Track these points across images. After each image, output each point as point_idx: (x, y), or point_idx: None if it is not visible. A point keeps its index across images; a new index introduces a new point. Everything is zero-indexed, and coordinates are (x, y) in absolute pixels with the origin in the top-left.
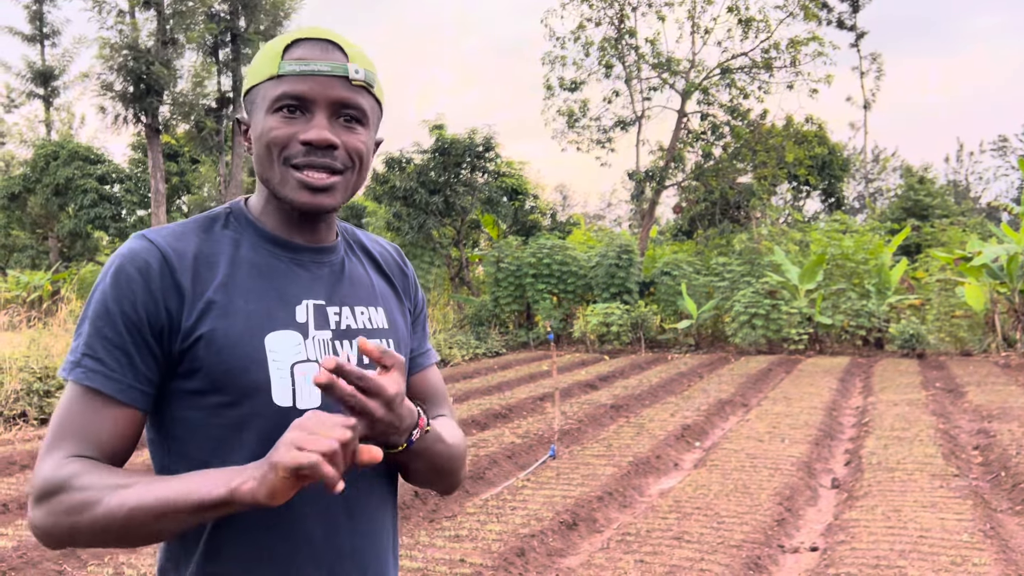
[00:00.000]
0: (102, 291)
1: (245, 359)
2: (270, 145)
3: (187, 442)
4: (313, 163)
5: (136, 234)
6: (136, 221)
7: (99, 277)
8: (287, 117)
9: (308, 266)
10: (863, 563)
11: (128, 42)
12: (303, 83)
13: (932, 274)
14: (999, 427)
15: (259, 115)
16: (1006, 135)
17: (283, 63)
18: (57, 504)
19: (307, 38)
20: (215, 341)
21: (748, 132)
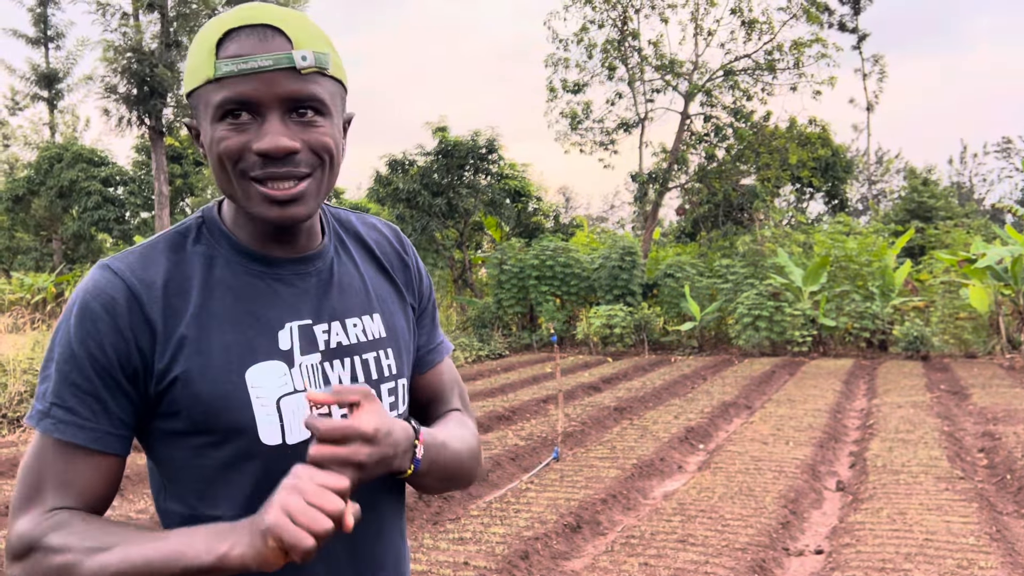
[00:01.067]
0: (65, 332)
1: (225, 399)
2: (222, 158)
3: (178, 482)
4: (274, 174)
5: (100, 264)
6: (140, 223)
7: (63, 315)
8: (234, 124)
9: (290, 280)
10: (868, 566)
11: (132, 44)
12: (244, 84)
13: (936, 276)
14: (1004, 429)
15: (205, 123)
16: (1010, 137)
17: (218, 63)
18: (36, 564)
19: (240, 26)
20: (192, 382)
21: (751, 134)
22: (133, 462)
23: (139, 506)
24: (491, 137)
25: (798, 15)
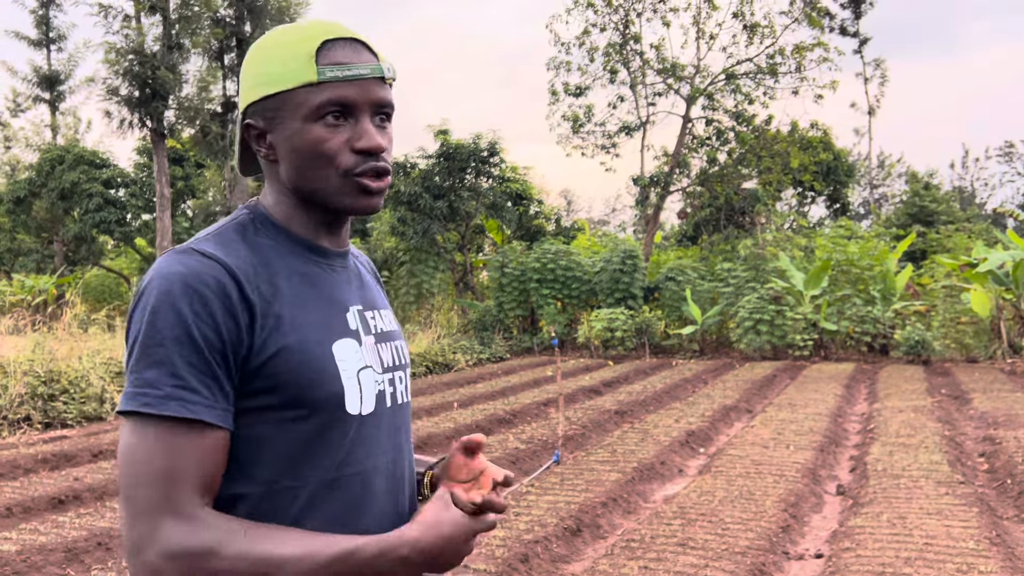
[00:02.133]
0: (175, 315)
1: (320, 371)
2: (320, 156)
3: (257, 462)
4: (373, 169)
5: (183, 250)
6: (141, 225)
7: (157, 297)
8: (333, 125)
9: (339, 270)
10: (868, 570)
11: (134, 47)
12: (346, 89)
13: (937, 280)
14: (1005, 434)
15: (293, 123)
16: (1012, 141)
17: (321, 68)
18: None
19: (335, 38)
20: (291, 356)
21: (753, 138)
22: None
23: None
24: (493, 140)
25: (800, 19)
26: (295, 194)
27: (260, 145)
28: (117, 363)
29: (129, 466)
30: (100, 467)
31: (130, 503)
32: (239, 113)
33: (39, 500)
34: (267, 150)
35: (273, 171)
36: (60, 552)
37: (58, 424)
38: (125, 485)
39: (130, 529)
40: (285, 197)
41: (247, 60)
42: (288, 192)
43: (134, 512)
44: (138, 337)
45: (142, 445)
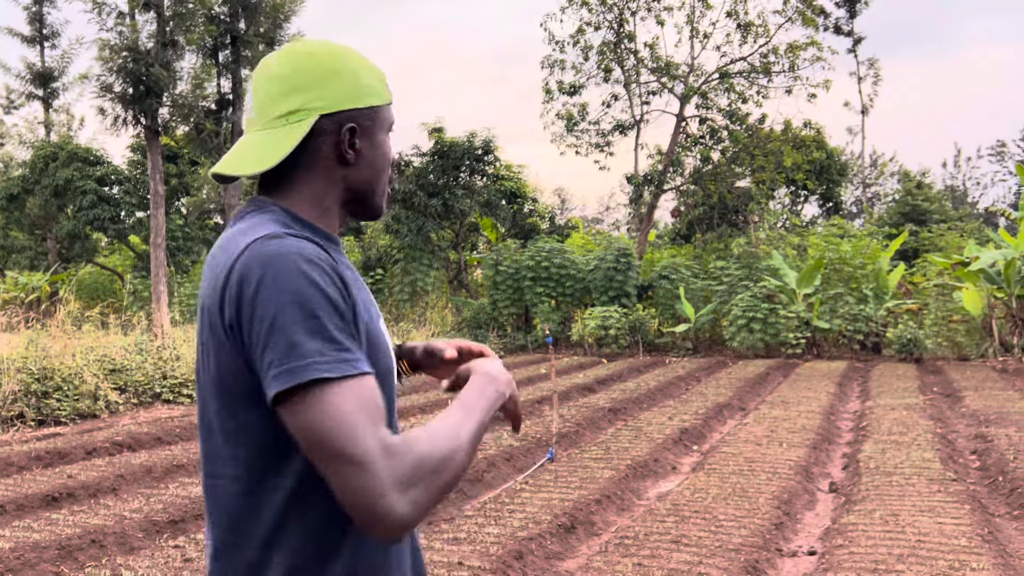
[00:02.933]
0: (314, 285)
1: (383, 346)
2: (389, 165)
3: None
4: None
5: (274, 234)
6: (135, 222)
7: (288, 274)
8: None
9: (346, 257)
10: (861, 567)
11: (128, 44)
12: None
13: (930, 279)
14: (996, 432)
15: (379, 135)
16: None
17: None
18: (429, 475)
19: None
20: (370, 330)
21: (746, 136)
22: (127, 462)
23: (133, 505)
24: (487, 138)
25: (793, 18)
26: (349, 194)
27: (348, 147)
28: (111, 360)
29: (329, 433)
30: (94, 464)
31: (346, 463)
32: (315, 114)
33: (32, 498)
34: (352, 153)
35: (332, 172)
36: (54, 550)
37: (51, 421)
38: (334, 450)
39: (358, 484)
40: (330, 195)
41: (341, 69)
42: (340, 191)
43: (357, 468)
44: (281, 316)
45: (334, 408)
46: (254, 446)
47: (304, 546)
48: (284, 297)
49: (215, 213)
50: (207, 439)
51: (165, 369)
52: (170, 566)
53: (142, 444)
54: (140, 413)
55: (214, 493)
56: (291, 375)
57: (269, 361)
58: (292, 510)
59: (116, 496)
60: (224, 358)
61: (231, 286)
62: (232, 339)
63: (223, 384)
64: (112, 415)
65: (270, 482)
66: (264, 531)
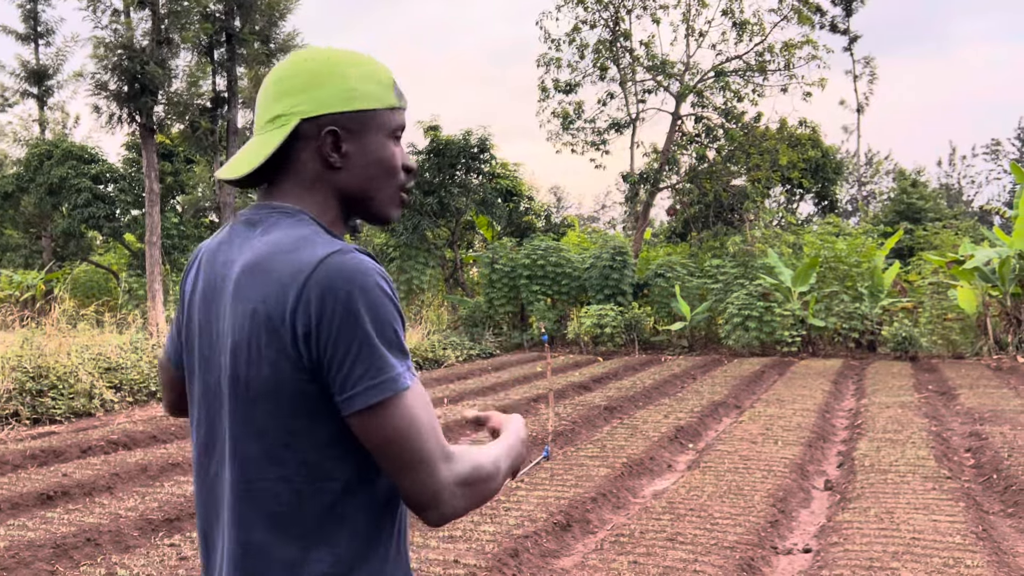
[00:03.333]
0: (392, 303)
1: None
2: (392, 170)
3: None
4: (411, 186)
5: (349, 249)
6: (130, 221)
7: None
8: (396, 145)
9: None
10: (856, 565)
11: (123, 41)
12: (404, 117)
13: (925, 277)
14: (991, 430)
15: (376, 137)
16: (998, 139)
17: (398, 97)
18: (479, 481)
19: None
20: None
21: (742, 135)
22: (123, 461)
23: (128, 503)
24: (483, 136)
25: (789, 16)
26: (345, 201)
27: (332, 151)
28: (106, 359)
29: (409, 439)
30: (89, 463)
31: (420, 463)
32: (296, 119)
33: (27, 496)
34: (338, 157)
35: (324, 179)
36: (49, 548)
37: (46, 420)
38: (412, 454)
39: (428, 480)
40: (332, 202)
41: (325, 74)
42: (337, 199)
43: (428, 467)
44: (368, 331)
45: (410, 418)
46: (308, 450)
47: (343, 547)
48: (374, 314)
49: (210, 211)
50: (247, 441)
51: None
52: (165, 564)
53: (137, 443)
54: (135, 411)
55: (250, 495)
56: (384, 387)
57: (360, 374)
58: (336, 512)
59: (111, 494)
60: (286, 366)
61: (309, 300)
62: (303, 350)
63: (280, 390)
64: (107, 414)
65: (320, 484)
66: (307, 531)
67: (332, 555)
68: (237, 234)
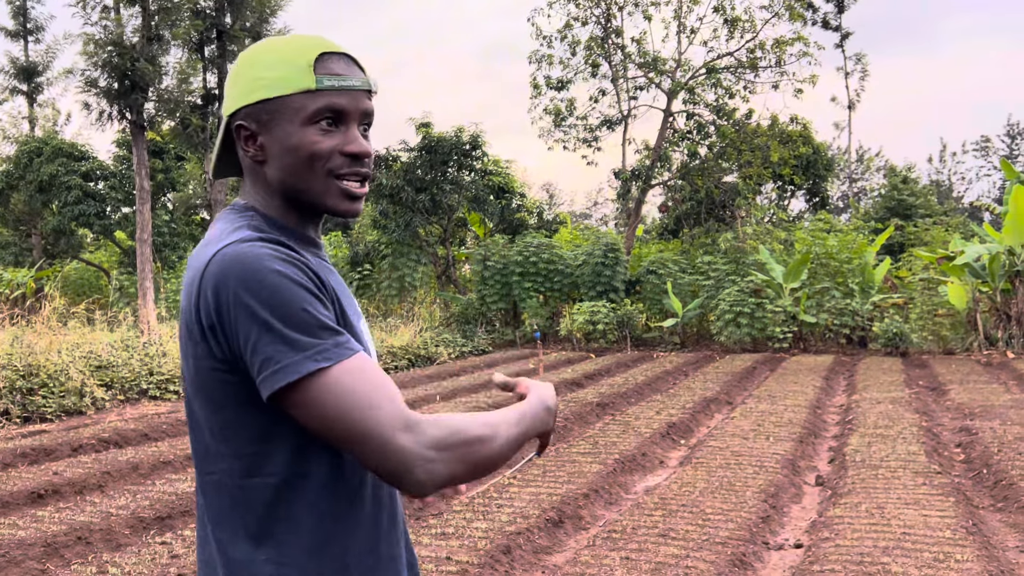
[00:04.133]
0: (293, 281)
1: (363, 345)
2: (313, 157)
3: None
4: (356, 172)
5: (245, 238)
6: (121, 218)
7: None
8: (325, 130)
9: (328, 262)
10: (847, 560)
11: (113, 38)
12: (340, 97)
13: (915, 273)
14: (981, 425)
15: (288, 126)
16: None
17: (319, 77)
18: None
19: (331, 52)
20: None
21: (733, 132)
22: (114, 459)
23: (119, 502)
24: (475, 133)
25: (780, 13)
26: (282, 195)
27: (249, 146)
28: (97, 357)
29: (347, 415)
30: (80, 461)
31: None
32: (224, 116)
33: (18, 494)
34: (256, 151)
35: (258, 173)
36: (39, 547)
37: (37, 418)
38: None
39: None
40: (273, 198)
41: (239, 66)
42: (275, 193)
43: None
44: (269, 316)
45: (346, 392)
46: (241, 442)
47: (293, 539)
48: (269, 297)
49: (201, 208)
50: (196, 437)
51: (152, 365)
52: (156, 563)
53: (129, 441)
54: (127, 409)
55: (205, 489)
56: (288, 371)
57: (263, 360)
58: (280, 504)
59: (102, 493)
60: (204, 362)
61: (206, 294)
62: (212, 344)
63: (205, 386)
64: (98, 412)
65: (258, 477)
66: (254, 525)
67: (278, 554)
68: None
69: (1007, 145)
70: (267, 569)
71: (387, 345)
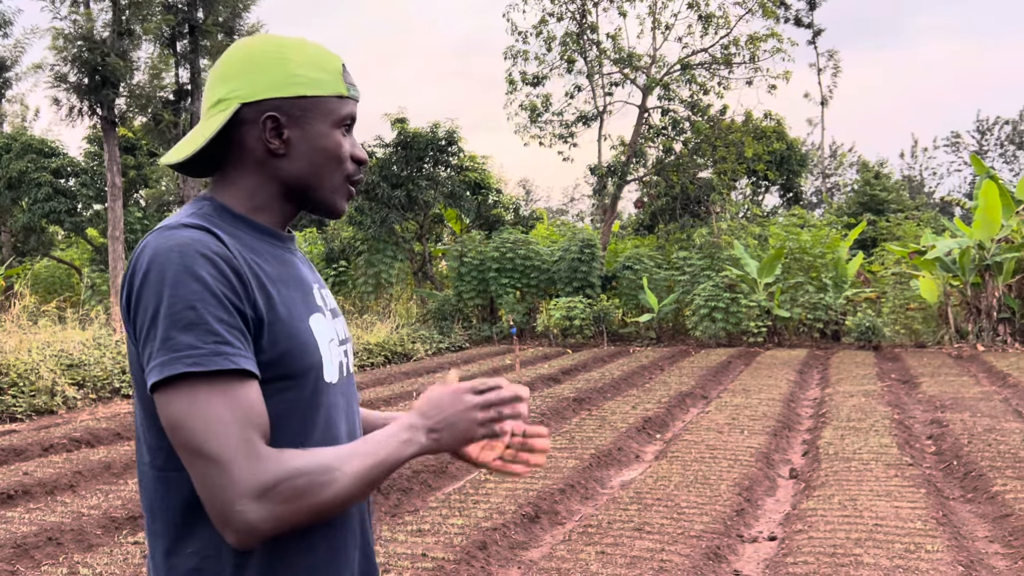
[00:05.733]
0: (195, 277)
1: (304, 342)
2: (340, 159)
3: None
4: (359, 178)
5: (172, 225)
6: (92, 215)
7: (170, 266)
8: (345, 136)
9: (296, 254)
10: (820, 552)
11: (82, 33)
12: (355, 107)
13: (887, 268)
14: (952, 417)
15: (320, 126)
16: (959, 131)
17: (348, 86)
18: (294, 492)
19: (343, 63)
20: (282, 327)
21: (708, 128)
22: (86, 458)
23: (91, 502)
24: (451, 129)
25: (754, 10)
26: (285, 189)
27: (273, 137)
28: (68, 355)
29: (191, 427)
30: (51, 461)
31: (205, 460)
32: (237, 103)
33: None
34: (279, 144)
35: (266, 165)
36: (9, 548)
37: (7, 418)
38: (194, 445)
39: (215, 482)
40: (266, 189)
41: (258, 58)
42: (275, 184)
43: (215, 466)
44: (159, 308)
45: (199, 403)
46: (157, 433)
47: (206, 541)
48: (164, 289)
49: (174, 205)
50: (137, 428)
51: (124, 364)
52: (129, 563)
53: (101, 440)
54: (99, 408)
55: (140, 483)
56: (163, 368)
57: (149, 352)
58: (195, 503)
59: (74, 493)
60: (131, 348)
61: (130, 278)
62: (131, 327)
63: (133, 372)
64: (70, 411)
65: (175, 473)
66: (176, 518)
67: (201, 547)
68: None
69: (977, 141)
70: (188, 563)
71: (363, 342)
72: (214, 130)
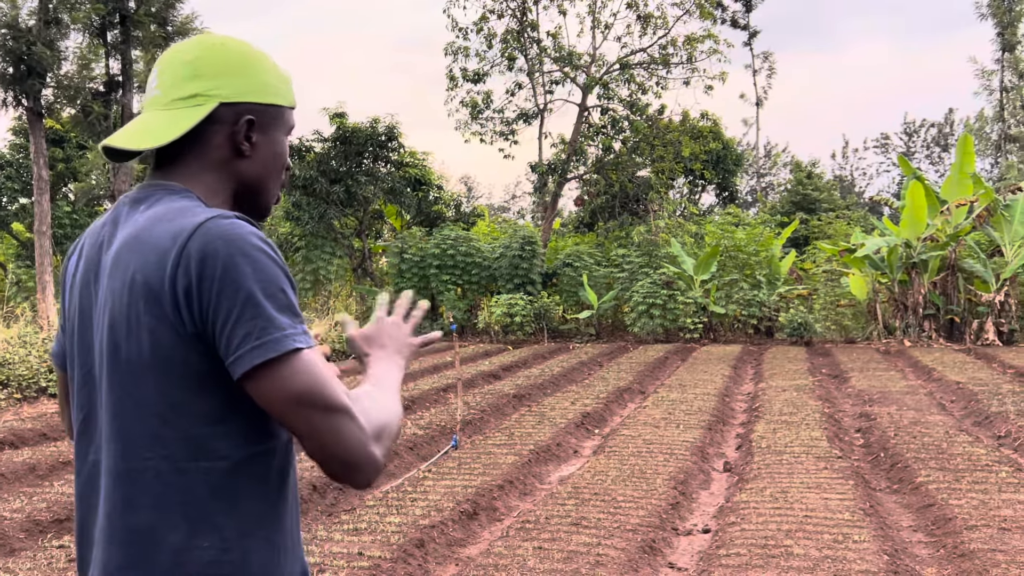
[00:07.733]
0: (277, 264)
1: None
2: (285, 166)
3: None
4: (285, 183)
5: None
6: (18, 209)
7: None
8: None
9: None
10: (752, 543)
11: (7, 20)
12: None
13: (819, 265)
14: (879, 410)
15: (277, 134)
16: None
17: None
18: (388, 434)
19: None
20: None
21: (646, 127)
22: (9, 460)
23: (14, 505)
24: (391, 124)
25: (692, 11)
26: (240, 187)
27: (244, 139)
28: None
29: (320, 390)
30: None
31: (339, 415)
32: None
33: None
34: (248, 146)
35: (229, 164)
36: None
37: None
38: (327, 404)
39: (351, 432)
40: (226, 187)
41: (246, 64)
42: (232, 183)
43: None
44: (253, 291)
45: (319, 371)
46: (191, 425)
47: (230, 524)
48: (256, 273)
49: (104, 199)
50: (125, 423)
51: (51, 363)
52: (54, 567)
53: (25, 441)
54: (24, 408)
55: (131, 477)
56: (275, 345)
57: (245, 334)
58: (223, 493)
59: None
60: (166, 334)
61: (189, 262)
62: (185, 314)
63: (161, 360)
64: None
65: (204, 463)
66: (192, 514)
67: (219, 539)
68: (121, 214)
69: (904, 142)
70: (206, 555)
71: None
72: (194, 122)
